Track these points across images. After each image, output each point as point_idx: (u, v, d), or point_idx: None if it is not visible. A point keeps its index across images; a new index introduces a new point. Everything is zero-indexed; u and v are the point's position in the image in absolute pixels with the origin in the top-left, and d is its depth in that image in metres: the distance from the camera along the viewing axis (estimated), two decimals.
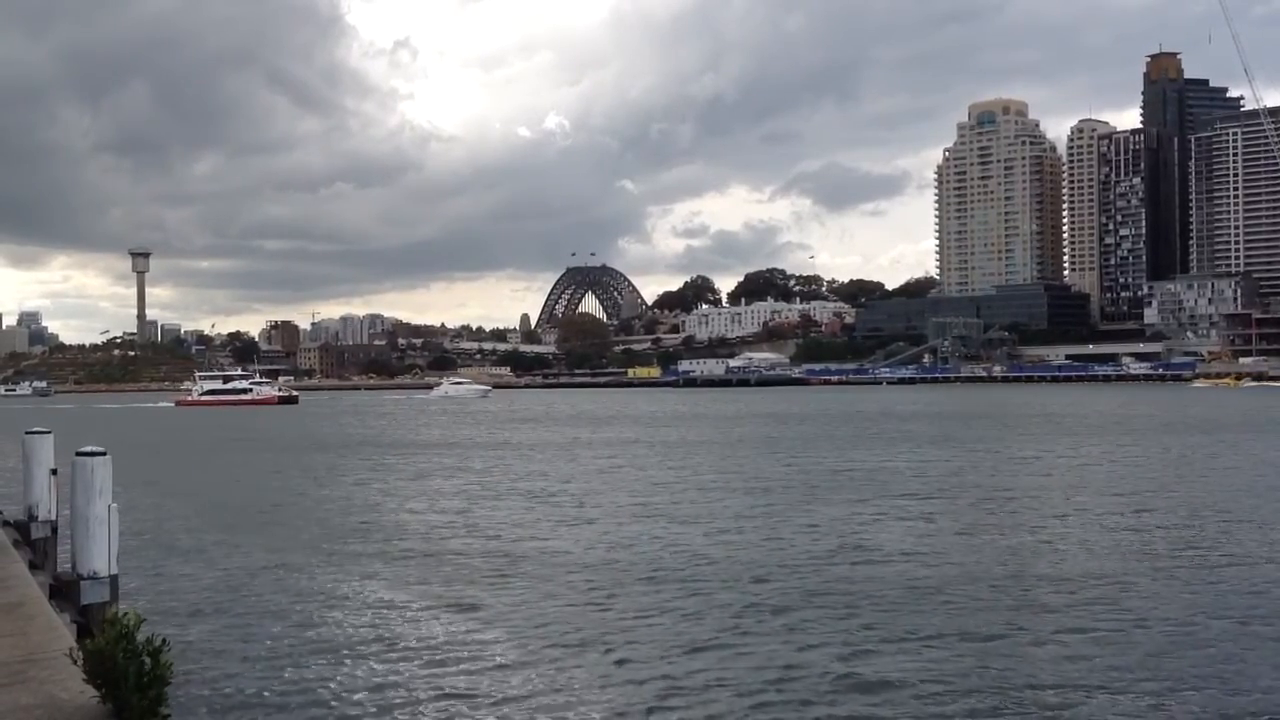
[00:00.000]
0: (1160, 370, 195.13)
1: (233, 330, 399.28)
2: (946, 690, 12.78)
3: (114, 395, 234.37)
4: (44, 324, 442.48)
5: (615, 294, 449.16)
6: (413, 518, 28.72)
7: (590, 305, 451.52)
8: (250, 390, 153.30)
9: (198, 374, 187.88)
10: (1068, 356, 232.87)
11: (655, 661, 14.13)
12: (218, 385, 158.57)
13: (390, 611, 17.32)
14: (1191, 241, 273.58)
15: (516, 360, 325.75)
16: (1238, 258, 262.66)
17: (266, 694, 12.98)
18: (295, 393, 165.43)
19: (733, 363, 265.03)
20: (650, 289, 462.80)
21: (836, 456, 46.64)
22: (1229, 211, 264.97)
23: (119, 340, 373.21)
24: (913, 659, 14.07)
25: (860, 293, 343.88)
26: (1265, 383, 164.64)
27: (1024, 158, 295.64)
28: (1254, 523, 25.31)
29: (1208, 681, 13.06)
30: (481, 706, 12.50)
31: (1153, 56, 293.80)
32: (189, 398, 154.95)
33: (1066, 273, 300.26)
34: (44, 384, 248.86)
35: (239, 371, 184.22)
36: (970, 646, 14.61)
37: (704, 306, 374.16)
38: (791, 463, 44.30)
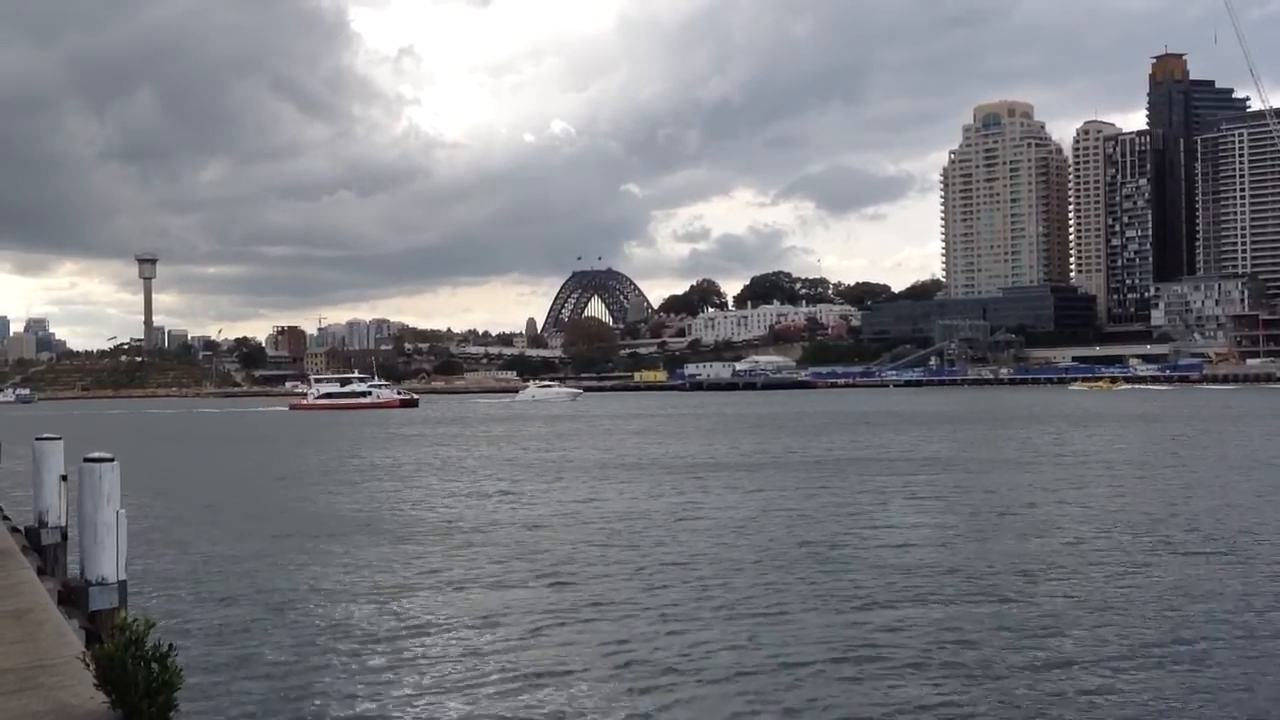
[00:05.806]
0: (1167, 372, 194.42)
1: (240, 336, 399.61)
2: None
3: (112, 402, 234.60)
4: (51, 331, 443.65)
5: (621, 298, 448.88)
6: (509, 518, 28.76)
7: (596, 309, 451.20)
8: (370, 394, 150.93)
9: (312, 377, 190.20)
10: (1074, 358, 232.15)
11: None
12: (335, 389, 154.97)
13: (413, 614, 17.40)
14: (1198, 243, 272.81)
15: (523, 364, 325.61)
16: (1244, 259, 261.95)
17: (276, 699, 13.00)
18: (415, 396, 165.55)
19: (739, 366, 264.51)
20: (656, 293, 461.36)
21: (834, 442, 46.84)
22: (1235, 212, 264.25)
23: (126, 346, 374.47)
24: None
25: (866, 295, 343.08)
26: (1138, 385, 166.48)
27: (1030, 160, 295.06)
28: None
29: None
30: (497, 706, 12.53)
31: (1158, 58, 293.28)
32: (304, 401, 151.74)
33: (1073, 274, 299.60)
34: (26, 391, 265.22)
35: (355, 374, 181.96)
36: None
37: (710, 310, 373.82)
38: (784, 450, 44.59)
